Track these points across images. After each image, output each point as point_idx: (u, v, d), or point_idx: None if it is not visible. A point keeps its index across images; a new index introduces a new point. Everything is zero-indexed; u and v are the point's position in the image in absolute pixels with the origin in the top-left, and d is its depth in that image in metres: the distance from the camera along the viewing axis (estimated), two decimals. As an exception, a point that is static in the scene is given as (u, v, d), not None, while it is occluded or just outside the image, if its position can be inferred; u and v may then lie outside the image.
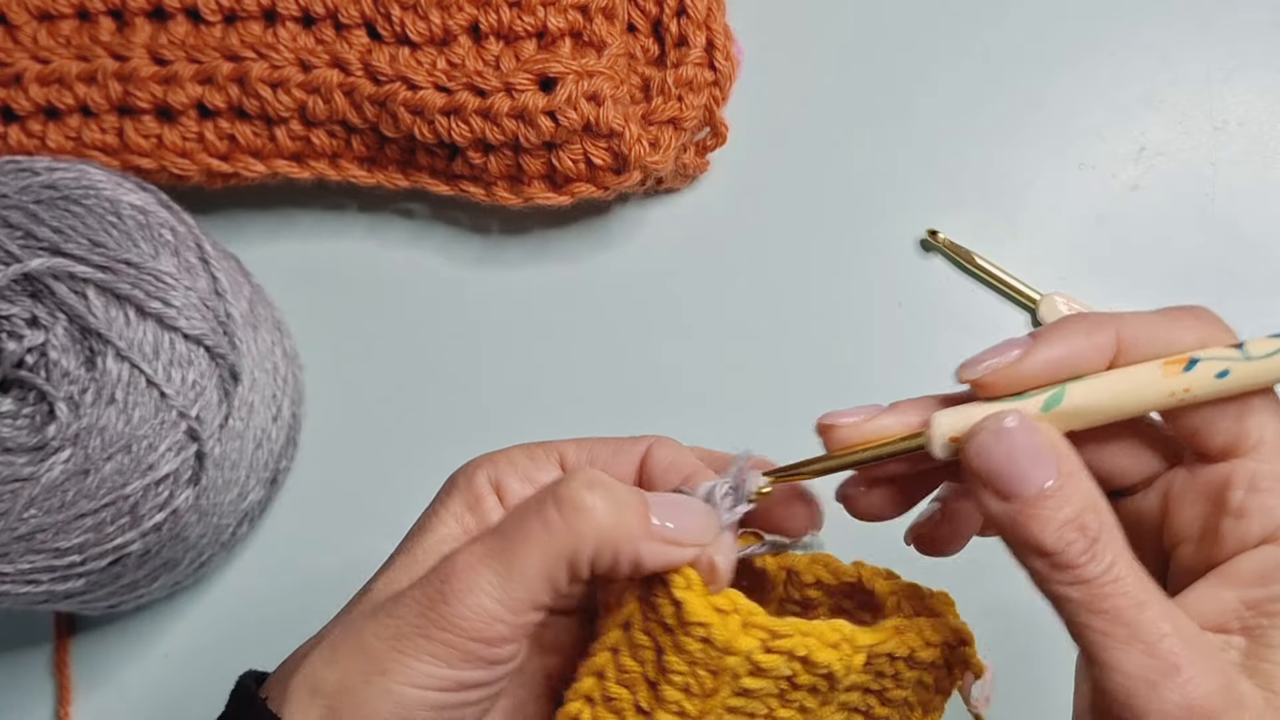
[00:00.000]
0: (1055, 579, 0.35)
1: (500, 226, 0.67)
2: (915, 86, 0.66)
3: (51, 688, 0.64)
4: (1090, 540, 0.35)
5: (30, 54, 0.61)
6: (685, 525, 0.38)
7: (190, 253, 0.57)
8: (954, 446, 0.37)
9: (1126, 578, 0.35)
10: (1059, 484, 0.35)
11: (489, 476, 0.41)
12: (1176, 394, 0.36)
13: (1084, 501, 0.36)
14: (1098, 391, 0.37)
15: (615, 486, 0.38)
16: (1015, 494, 0.36)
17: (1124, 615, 0.35)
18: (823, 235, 0.65)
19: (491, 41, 0.60)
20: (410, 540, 0.41)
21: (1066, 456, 0.36)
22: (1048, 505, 0.35)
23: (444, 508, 0.41)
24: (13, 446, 0.54)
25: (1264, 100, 0.65)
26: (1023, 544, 0.36)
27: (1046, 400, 0.37)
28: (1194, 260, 0.64)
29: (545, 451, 0.42)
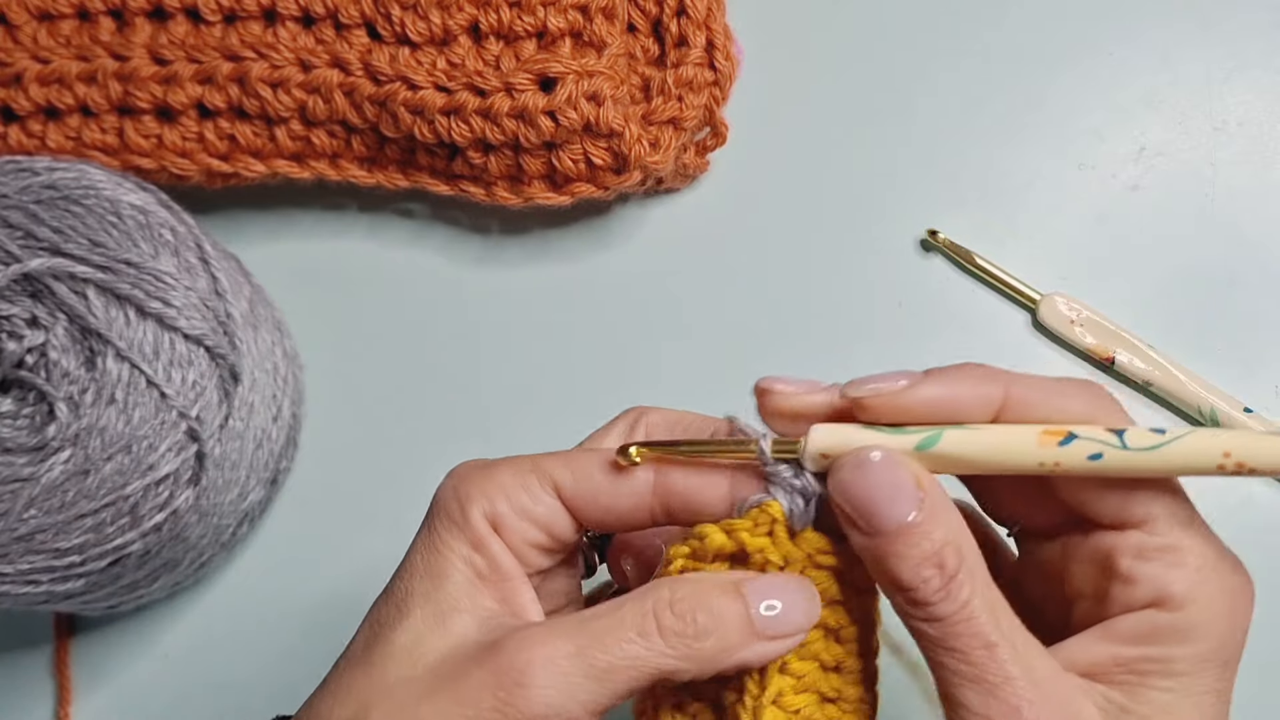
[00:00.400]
0: (911, 614, 0.36)
1: (500, 226, 0.67)
2: (915, 86, 0.66)
3: (51, 688, 0.64)
4: (946, 578, 0.36)
5: (30, 54, 0.61)
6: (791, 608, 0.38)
7: (190, 253, 0.57)
8: (824, 463, 0.38)
9: (979, 618, 0.36)
10: (919, 520, 0.36)
11: (483, 512, 0.39)
12: (1046, 465, 0.36)
13: (944, 538, 0.36)
14: (971, 443, 0.37)
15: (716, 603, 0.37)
16: (874, 529, 0.36)
17: (972, 655, 0.35)
18: (823, 235, 0.65)
19: (491, 41, 0.60)
20: (424, 586, 0.39)
21: (930, 493, 0.36)
22: (907, 541, 0.36)
23: (446, 548, 0.39)
24: (12, 447, 0.54)
25: (1264, 100, 0.65)
26: (882, 578, 0.36)
27: (922, 440, 0.37)
28: (1194, 260, 0.64)
29: (540, 480, 0.39)
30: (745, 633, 0.37)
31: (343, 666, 0.39)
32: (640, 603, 0.37)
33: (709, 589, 0.37)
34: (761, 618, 0.37)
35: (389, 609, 0.39)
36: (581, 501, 0.39)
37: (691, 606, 0.37)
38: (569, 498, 0.39)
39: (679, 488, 0.40)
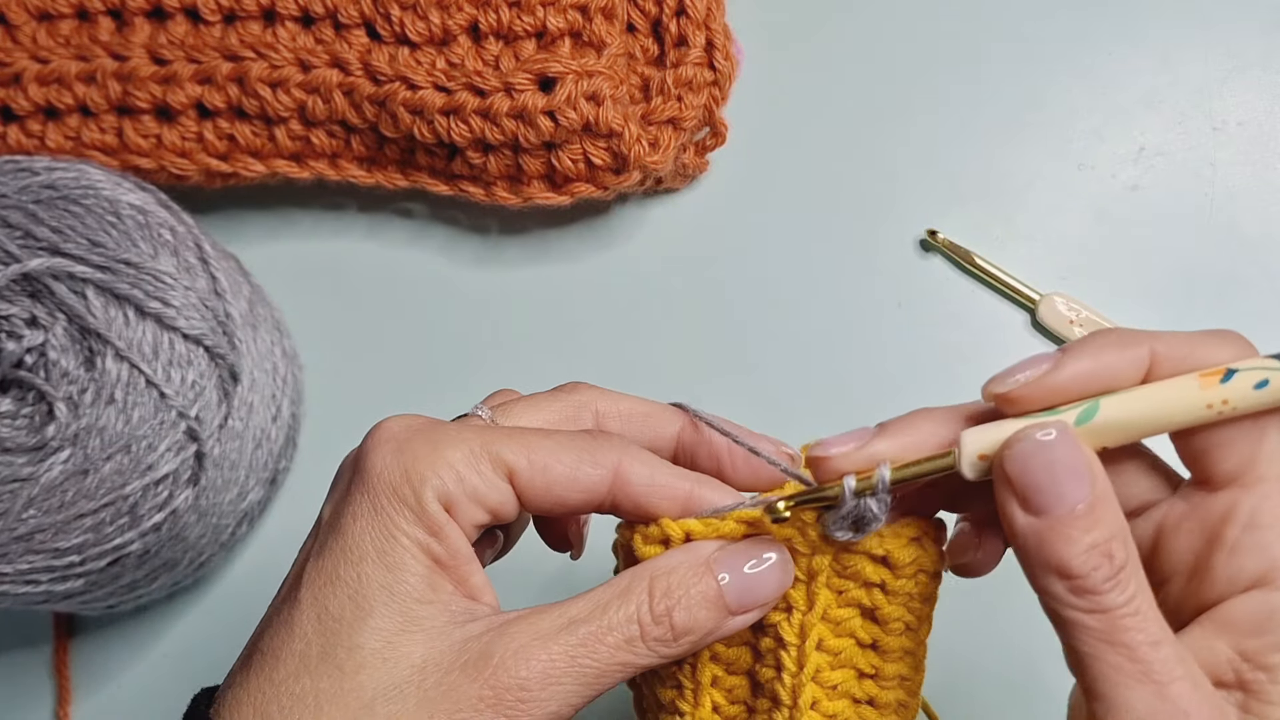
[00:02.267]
0: (1073, 603, 0.34)
1: (500, 226, 0.67)
2: (915, 86, 0.66)
3: (51, 688, 0.64)
4: (1116, 568, 0.34)
5: (30, 54, 0.61)
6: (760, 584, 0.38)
7: (189, 252, 0.57)
8: (983, 466, 0.36)
9: (1146, 613, 0.34)
10: (1091, 506, 0.34)
11: (437, 494, 0.37)
12: (1214, 406, 0.35)
13: (1114, 528, 0.35)
14: (1133, 405, 0.35)
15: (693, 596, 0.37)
16: (1046, 509, 0.34)
17: (1139, 652, 0.34)
18: (823, 235, 0.65)
19: (491, 41, 0.60)
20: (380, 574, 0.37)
21: (1101, 478, 0.35)
22: (1078, 526, 0.34)
23: (401, 534, 0.37)
24: (12, 447, 0.54)
25: (1263, 100, 0.65)
26: (1044, 563, 0.35)
27: (1080, 414, 0.35)
28: (1193, 260, 0.64)
29: (493, 465, 0.38)
30: (720, 615, 0.38)
31: (296, 666, 0.36)
32: (624, 604, 0.37)
33: (684, 580, 0.37)
34: (734, 596, 0.38)
35: (340, 599, 0.37)
36: (536, 492, 0.38)
37: (669, 607, 0.37)
38: (521, 486, 0.38)
39: (638, 490, 0.39)
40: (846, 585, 0.40)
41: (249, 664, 0.38)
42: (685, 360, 0.64)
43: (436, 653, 0.36)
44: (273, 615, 0.38)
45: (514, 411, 0.42)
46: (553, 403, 0.42)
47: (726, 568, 0.38)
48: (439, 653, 0.36)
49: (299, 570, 0.39)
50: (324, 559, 0.37)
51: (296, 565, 0.39)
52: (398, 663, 0.36)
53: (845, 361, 0.64)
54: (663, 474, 0.39)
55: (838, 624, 0.40)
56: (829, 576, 0.39)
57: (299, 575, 0.38)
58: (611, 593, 0.37)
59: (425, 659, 0.36)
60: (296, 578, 0.38)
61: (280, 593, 0.40)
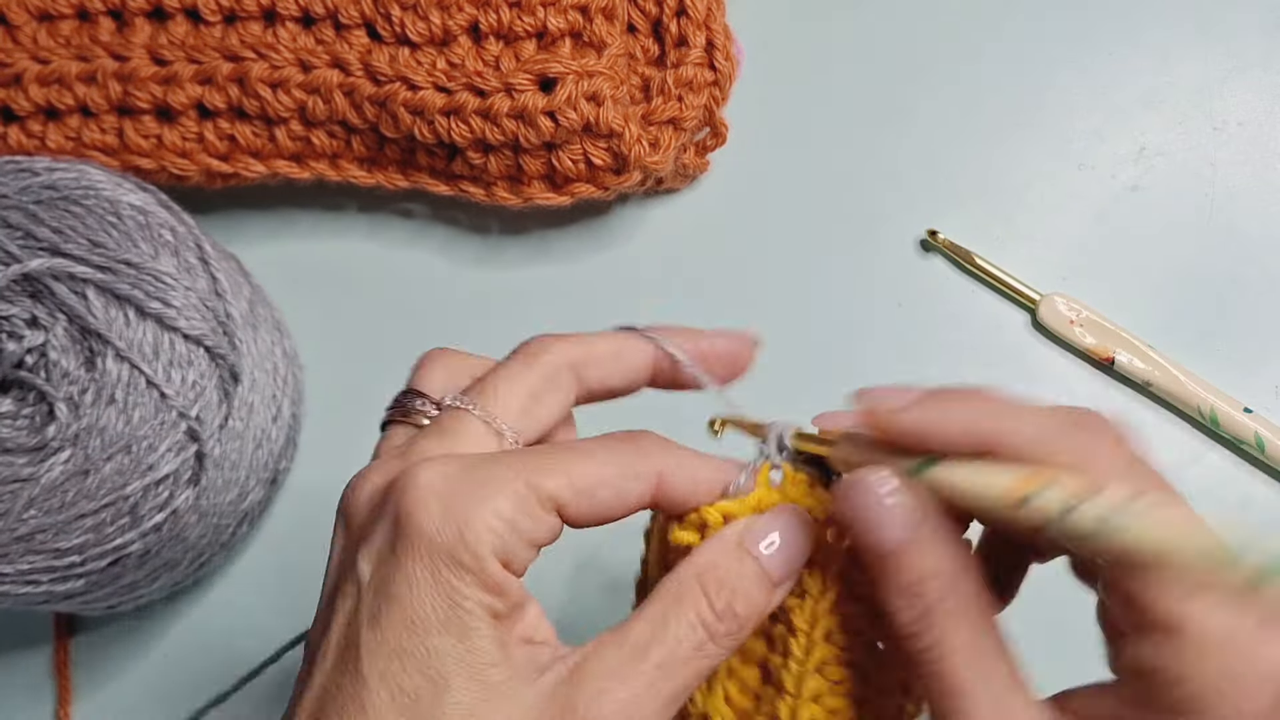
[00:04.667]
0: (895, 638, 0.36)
1: (500, 226, 0.67)
2: (915, 86, 0.66)
3: (51, 688, 0.64)
4: (920, 611, 0.35)
5: (30, 54, 0.61)
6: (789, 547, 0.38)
7: (190, 253, 0.57)
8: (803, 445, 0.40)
9: (948, 659, 0.35)
10: (906, 546, 0.35)
11: (494, 551, 0.35)
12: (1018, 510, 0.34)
13: (930, 569, 0.35)
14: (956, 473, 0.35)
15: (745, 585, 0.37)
16: (865, 550, 0.36)
17: (932, 697, 0.35)
18: (823, 235, 0.65)
19: (491, 42, 0.60)
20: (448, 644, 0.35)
21: (926, 520, 0.36)
22: (893, 565, 0.36)
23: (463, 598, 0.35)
24: (12, 447, 0.54)
25: (1263, 100, 0.65)
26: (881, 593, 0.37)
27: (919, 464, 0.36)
28: (1194, 260, 0.64)
29: (540, 504, 0.37)
30: (768, 591, 0.38)
31: None
32: (681, 611, 0.37)
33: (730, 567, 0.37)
34: (773, 567, 0.38)
35: (414, 677, 0.35)
36: (581, 516, 0.38)
37: (728, 601, 0.37)
38: (570, 515, 0.37)
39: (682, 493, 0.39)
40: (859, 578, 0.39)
41: None
42: (685, 360, 0.64)
43: (518, 715, 0.35)
44: (330, 688, 0.36)
45: (495, 393, 0.41)
46: (526, 372, 0.42)
47: (757, 544, 0.38)
48: (520, 714, 0.35)
49: (350, 640, 0.36)
50: (384, 631, 0.35)
51: (339, 630, 0.36)
52: None
53: (845, 361, 0.64)
54: (702, 471, 0.40)
55: (846, 618, 0.40)
56: (842, 564, 0.39)
57: (353, 647, 0.36)
58: (666, 604, 0.37)
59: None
60: (348, 648, 0.36)
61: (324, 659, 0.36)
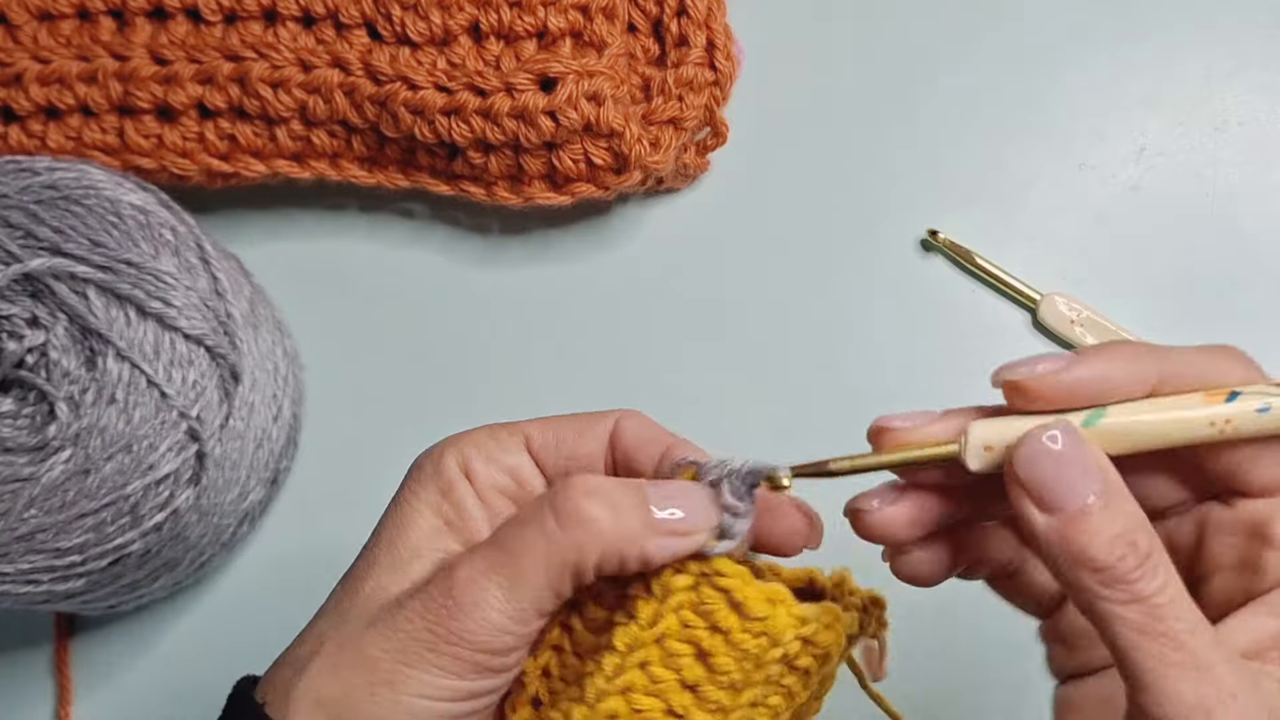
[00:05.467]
0: (1106, 595, 0.34)
1: (500, 226, 0.67)
2: (916, 86, 0.66)
3: (51, 688, 0.64)
4: (1142, 556, 0.34)
5: (31, 54, 0.61)
6: (690, 512, 0.38)
7: (191, 253, 0.57)
8: (988, 458, 0.37)
9: (1179, 600, 0.34)
10: (1105, 500, 0.35)
11: (456, 460, 0.41)
12: (1217, 424, 0.36)
13: (1132, 519, 0.35)
14: (1139, 415, 0.36)
15: (612, 490, 0.37)
16: (1061, 507, 0.35)
17: (1180, 639, 0.34)
18: (823, 235, 0.65)
19: (492, 41, 0.60)
20: (390, 535, 0.40)
21: (1111, 472, 0.35)
22: (1098, 519, 0.35)
23: (416, 497, 0.41)
24: (13, 446, 0.54)
25: (1264, 100, 0.65)
26: (1071, 559, 0.35)
27: (1086, 418, 0.36)
28: (1194, 260, 0.64)
29: (509, 432, 0.42)
30: (645, 523, 0.37)
31: (315, 620, 0.40)
32: (538, 500, 0.38)
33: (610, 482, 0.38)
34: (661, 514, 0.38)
35: (360, 563, 0.41)
36: (547, 449, 0.41)
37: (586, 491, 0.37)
38: (536, 447, 0.41)
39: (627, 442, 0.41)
40: (696, 621, 0.39)
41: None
42: (685, 360, 0.64)
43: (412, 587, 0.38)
44: None
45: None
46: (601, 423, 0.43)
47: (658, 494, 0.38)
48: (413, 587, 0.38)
49: None
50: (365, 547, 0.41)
51: None
52: (380, 598, 0.39)
53: (845, 361, 0.64)
54: (651, 429, 0.42)
55: (670, 655, 0.39)
56: (681, 605, 0.38)
57: None
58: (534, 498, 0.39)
59: (401, 592, 0.38)
60: None
61: None
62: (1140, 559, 0.34)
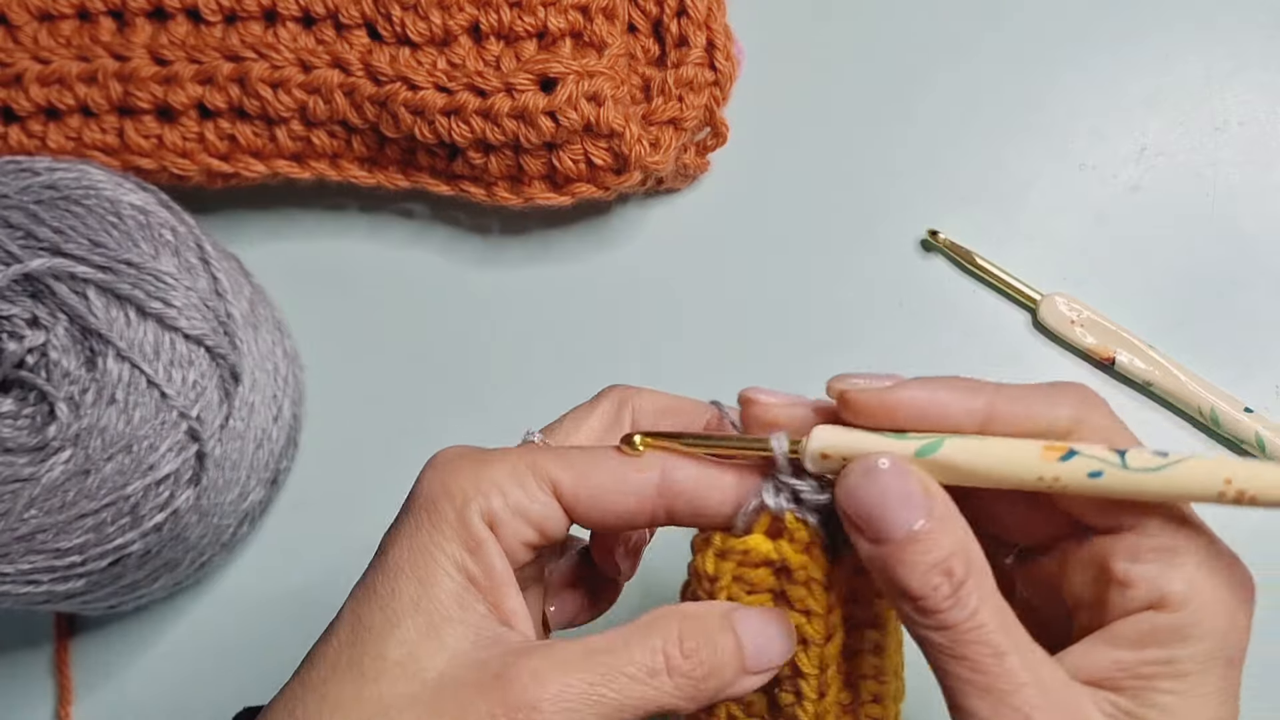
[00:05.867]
0: (920, 622, 0.36)
1: (500, 226, 0.67)
2: (916, 86, 0.66)
3: (52, 688, 0.64)
4: (955, 585, 0.35)
5: (31, 54, 0.61)
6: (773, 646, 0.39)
7: (191, 253, 0.57)
8: (824, 464, 0.38)
9: (988, 625, 0.35)
10: (928, 528, 0.36)
11: (481, 512, 0.38)
12: (1045, 480, 0.36)
13: (952, 546, 0.36)
14: (972, 452, 0.37)
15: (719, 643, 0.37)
16: (884, 537, 0.36)
17: (981, 664, 0.35)
18: (823, 235, 0.65)
19: (492, 42, 0.60)
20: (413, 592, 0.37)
21: (938, 501, 0.36)
22: (915, 549, 0.36)
23: (440, 550, 0.38)
24: (13, 447, 0.54)
25: (1265, 100, 0.65)
26: (891, 587, 0.36)
27: (922, 446, 0.37)
28: (1195, 260, 0.64)
29: (538, 480, 0.39)
30: (738, 670, 0.38)
31: (325, 671, 0.37)
32: (648, 638, 0.37)
33: (710, 627, 0.38)
34: (751, 654, 0.38)
35: (373, 611, 0.37)
36: (582, 503, 0.39)
37: (698, 645, 0.37)
38: (568, 499, 0.39)
39: (686, 489, 0.39)
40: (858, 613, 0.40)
41: (296, 672, 0.39)
42: (686, 360, 0.64)
43: (456, 668, 0.36)
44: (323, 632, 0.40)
45: (561, 428, 0.43)
46: (594, 411, 0.43)
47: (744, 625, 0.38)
48: (458, 669, 0.36)
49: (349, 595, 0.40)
50: (367, 575, 0.39)
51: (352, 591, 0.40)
52: (416, 674, 0.36)
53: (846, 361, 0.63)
54: (710, 467, 0.40)
55: (851, 650, 0.40)
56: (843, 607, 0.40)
57: (346, 599, 0.39)
58: (634, 626, 0.37)
59: (443, 673, 0.36)
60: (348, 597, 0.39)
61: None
62: (953, 588, 0.35)
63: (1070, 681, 0.36)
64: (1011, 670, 0.35)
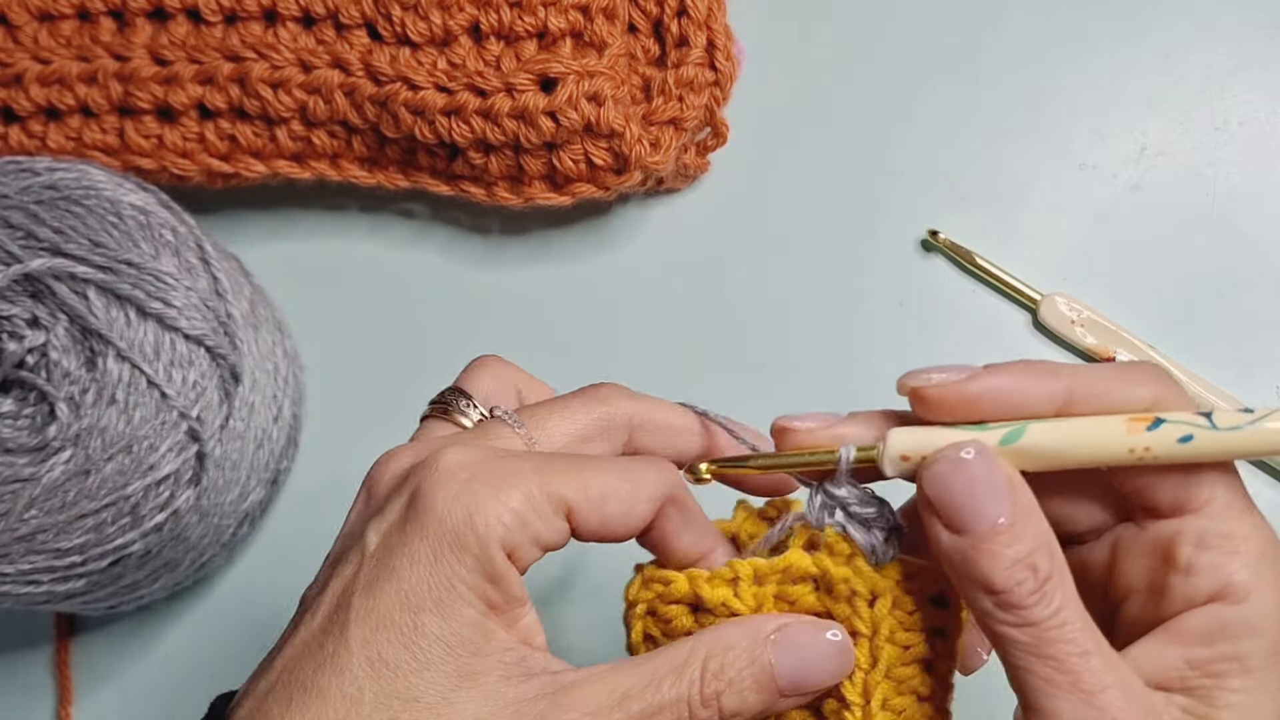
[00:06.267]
0: (1001, 618, 0.35)
1: (501, 227, 0.67)
2: (916, 86, 0.66)
3: (52, 688, 0.64)
4: (1040, 581, 0.35)
5: (31, 54, 0.61)
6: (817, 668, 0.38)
7: (191, 253, 0.57)
8: (905, 466, 0.37)
9: (1073, 624, 0.35)
10: (1012, 521, 0.35)
11: (501, 542, 0.36)
12: (1136, 451, 0.35)
13: (1036, 541, 0.35)
14: (1058, 435, 0.36)
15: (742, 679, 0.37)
16: (968, 528, 0.35)
17: (1067, 663, 0.34)
18: (823, 235, 0.65)
19: (492, 42, 0.60)
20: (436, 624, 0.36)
21: (1022, 494, 0.35)
22: (999, 541, 0.35)
23: (460, 581, 0.36)
24: (13, 447, 0.54)
25: (1265, 100, 0.65)
26: (971, 580, 0.35)
27: (1006, 434, 0.36)
28: (1195, 261, 0.64)
29: (552, 506, 0.37)
30: (770, 698, 0.37)
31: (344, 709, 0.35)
32: (679, 683, 0.36)
33: (739, 659, 0.37)
34: (787, 680, 0.37)
35: (396, 649, 0.35)
36: (591, 526, 0.38)
37: (717, 690, 0.36)
38: (578, 521, 0.38)
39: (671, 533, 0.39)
40: (911, 640, 0.39)
41: (287, 698, 0.36)
42: (686, 360, 0.64)
43: (490, 712, 0.35)
44: (311, 644, 0.37)
45: (546, 423, 0.41)
46: (583, 411, 0.42)
47: (785, 647, 0.37)
48: (493, 712, 0.35)
49: (342, 602, 0.37)
50: (376, 599, 0.36)
51: (334, 592, 0.37)
52: (452, 719, 0.35)
53: (846, 361, 0.64)
54: (698, 525, 0.40)
55: (900, 682, 0.39)
56: (893, 629, 0.38)
57: (343, 609, 0.36)
58: (667, 667, 0.37)
59: (479, 713, 0.35)
60: (339, 609, 0.37)
61: (313, 617, 0.38)
62: (1038, 583, 0.35)
63: (1144, 686, 0.35)
64: (1096, 670, 0.34)
